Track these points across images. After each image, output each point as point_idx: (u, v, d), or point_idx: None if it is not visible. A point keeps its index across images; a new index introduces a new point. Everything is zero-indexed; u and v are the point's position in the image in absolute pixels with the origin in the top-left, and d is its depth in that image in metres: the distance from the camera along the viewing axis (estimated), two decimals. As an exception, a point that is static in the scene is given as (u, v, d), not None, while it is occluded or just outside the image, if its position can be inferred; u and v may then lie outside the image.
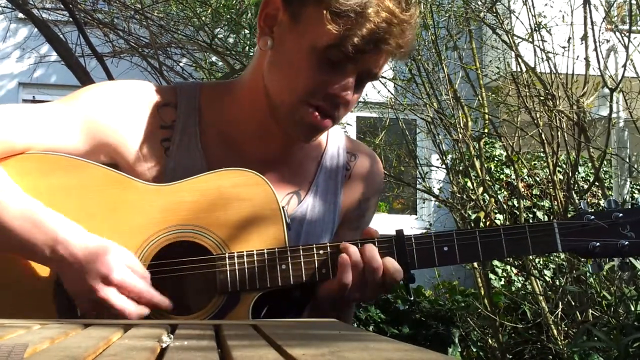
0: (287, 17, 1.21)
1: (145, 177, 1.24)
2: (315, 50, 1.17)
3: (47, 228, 1.13)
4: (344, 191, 1.39)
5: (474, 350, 4.73)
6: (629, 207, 1.28)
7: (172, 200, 1.21)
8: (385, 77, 4.36)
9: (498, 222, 5.06)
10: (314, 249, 1.21)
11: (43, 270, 1.19)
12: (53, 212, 1.16)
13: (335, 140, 1.41)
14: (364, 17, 1.13)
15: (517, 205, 5.26)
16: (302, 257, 1.21)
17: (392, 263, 1.21)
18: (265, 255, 1.20)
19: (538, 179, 4.70)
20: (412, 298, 1.30)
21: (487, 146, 6.41)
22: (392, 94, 4.48)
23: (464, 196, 4.13)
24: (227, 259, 1.19)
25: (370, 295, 1.24)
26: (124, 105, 1.27)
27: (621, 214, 1.24)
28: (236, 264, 1.19)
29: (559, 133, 3.60)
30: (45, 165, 1.21)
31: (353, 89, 1.21)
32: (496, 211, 5.21)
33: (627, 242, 1.23)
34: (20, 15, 5.66)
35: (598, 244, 1.23)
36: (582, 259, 1.28)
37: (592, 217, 1.24)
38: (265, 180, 1.22)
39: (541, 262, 4.70)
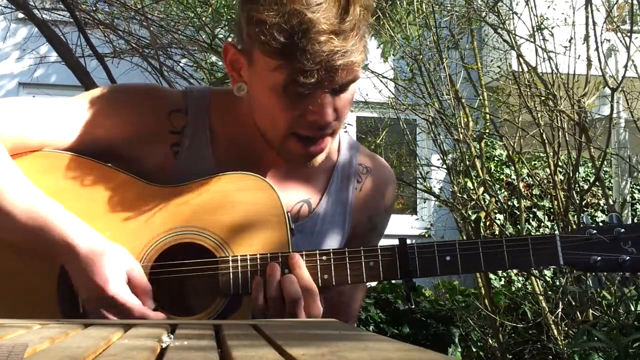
0: (245, 61, 1.18)
1: (154, 179, 1.23)
2: (276, 90, 1.13)
3: (52, 227, 1.12)
4: (355, 203, 1.37)
5: (474, 350, 4.73)
6: (630, 212, 1.28)
7: (177, 201, 1.21)
8: (386, 77, 4.36)
9: (498, 222, 5.06)
10: (317, 255, 1.21)
11: (46, 271, 1.18)
12: (61, 209, 1.15)
13: (348, 151, 1.39)
14: (300, 49, 1.06)
15: (517, 205, 5.26)
16: (305, 262, 1.21)
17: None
18: (269, 259, 1.19)
19: (538, 179, 4.70)
20: (413, 306, 1.28)
21: (488, 147, 6.41)
22: (393, 94, 4.48)
23: (465, 196, 4.13)
24: (230, 262, 1.19)
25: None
26: (134, 109, 1.26)
27: (623, 230, 1.24)
28: (239, 267, 1.19)
29: (559, 133, 3.60)
30: (55, 164, 1.21)
31: (332, 106, 1.15)
32: (496, 211, 5.21)
33: (628, 258, 1.23)
34: (20, 15, 5.66)
35: (599, 258, 1.23)
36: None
37: (594, 231, 1.24)
38: (270, 184, 1.21)
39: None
